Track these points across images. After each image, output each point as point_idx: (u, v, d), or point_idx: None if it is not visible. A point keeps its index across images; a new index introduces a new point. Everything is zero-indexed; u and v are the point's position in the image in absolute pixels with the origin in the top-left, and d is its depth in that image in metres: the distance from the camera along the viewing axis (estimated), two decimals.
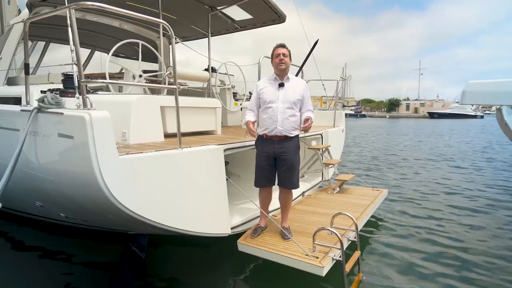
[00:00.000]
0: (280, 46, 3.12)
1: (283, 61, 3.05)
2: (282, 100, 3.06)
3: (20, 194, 3.09)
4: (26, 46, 2.60)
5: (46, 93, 2.28)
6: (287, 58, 3.09)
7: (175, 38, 2.61)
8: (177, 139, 2.62)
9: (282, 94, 3.08)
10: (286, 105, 3.06)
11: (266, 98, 3.09)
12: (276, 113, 3.04)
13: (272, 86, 3.14)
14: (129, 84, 3.08)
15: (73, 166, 2.13)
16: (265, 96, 3.10)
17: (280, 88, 3.10)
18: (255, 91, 3.23)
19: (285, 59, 3.06)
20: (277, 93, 3.08)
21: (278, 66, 3.08)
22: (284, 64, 3.07)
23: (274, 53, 3.12)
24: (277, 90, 3.10)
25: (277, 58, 3.07)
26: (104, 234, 3.94)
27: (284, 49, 3.10)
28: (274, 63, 3.13)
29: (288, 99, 3.07)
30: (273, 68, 3.17)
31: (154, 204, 2.39)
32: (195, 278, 3.22)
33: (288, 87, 3.11)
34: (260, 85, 3.21)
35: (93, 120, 1.97)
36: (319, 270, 2.66)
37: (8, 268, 3.46)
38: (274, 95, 3.08)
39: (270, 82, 3.17)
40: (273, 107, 3.05)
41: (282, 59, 3.05)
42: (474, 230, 4.48)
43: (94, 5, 2.04)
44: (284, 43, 3.15)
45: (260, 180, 3.21)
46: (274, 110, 3.05)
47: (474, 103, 4.54)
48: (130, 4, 5.35)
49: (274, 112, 3.05)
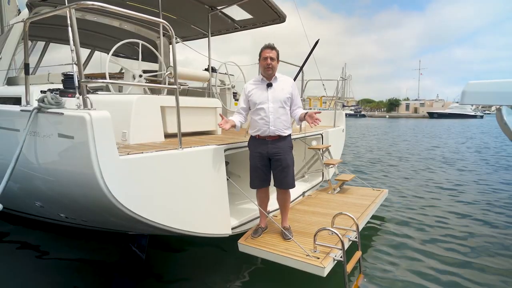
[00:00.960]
0: (268, 47, 3.06)
1: (270, 66, 3.01)
2: (272, 100, 3.05)
3: (19, 194, 3.08)
4: (26, 46, 2.59)
5: (46, 93, 2.27)
6: (275, 62, 3.05)
7: (175, 38, 2.60)
8: (178, 139, 2.61)
9: (272, 94, 3.06)
10: (277, 104, 3.05)
11: (256, 100, 3.08)
12: (268, 114, 3.03)
13: (260, 87, 3.12)
14: (130, 84, 3.08)
15: (73, 166, 2.12)
16: (255, 98, 3.09)
17: (268, 88, 3.08)
18: (243, 93, 3.21)
19: (272, 63, 3.02)
20: (266, 94, 3.07)
21: (266, 70, 3.05)
22: (271, 69, 3.04)
23: (261, 54, 3.06)
24: (266, 90, 3.08)
25: (264, 62, 3.02)
26: (104, 234, 3.94)
27: (273, 52, 3.04)
28: (261, 65, 3.10)
29: (278, 99, 3.06)
30: (260, 69, 3.14)
31: (154, 205, 2.38)
32: (196, 278, 3.21)
33: (276, 86, 3.10)
34: (248, 87, 3.18)
35: (94, 120, 1.96)
36: (320, 270, 2.65)
37: (7, 268, 3.45)
38: (263, 96, 3.07)
39: (257, 84, 3.15)
40: (264, 108, 3.04)
41: (269, 64, 3.00)
42: (477, 229, 4.47)
43: (95, 5, 2.03)
44: (273, 44, 3.08)
45: (255, 181, 3.20)
46: (266, 110, 3.04)
47: (474, 103, 4.52)
48: (130, 4, 5.34)
49: (266, 113, 3.04)
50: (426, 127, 32.07)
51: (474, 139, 18.28)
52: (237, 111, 3.24)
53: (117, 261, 3.55)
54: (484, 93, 4.12)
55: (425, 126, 33.95)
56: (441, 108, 68.93)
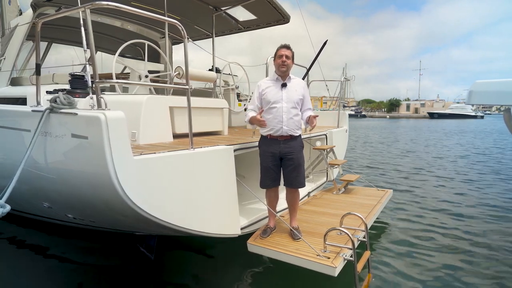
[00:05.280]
0: (284, 47, 3.10)
1: (285, 63, 3.04)
2: (286, 100, 3.06)
3: (26, 195, 3.06)
4: (37, 46, 2.58)
5: (59, 93, 2.26)
6: (290, 60, 3.08)
7: (187, 39, 2.59)
8: (189, 140, 2.60)
9: (286, 94, 3.08)
10: (290, 104, 3.07)
11: (270, 98, 3.08)
12: (281, 113, 3.04)
13: (274, 86, 3.13)
14: (143, 84, 3.09)
15: (87, 166, 2.12)
16: (269, 96, 3.09)
17: (283, 88, 3.09)
18: (256, 91, 3.21)
19: (287, 61, 3.05)
20: (280, 93, 3.08)
21: (280, 68, 3.07)
22: (285, 67, 3.06)
23: (277, 53, 3.11)
24: (280, 90, 3.09)
25: (279, 59, 3.06)
26: (111, 235, 3.93)
27: (288, 51, 3.08)
28: (276, 64, 3.12)
29: (291, 99, 3.07)
30: (275, 68, 3.15)
31: (167, 205, 2.37)
32: (205, 278, 3.21)
33: (290, 87, 3.12)
34: (262, 85, 3.19)
35: (109, 121, 1.96)
36: (332, 270, 2.65)
37: (13, 269, 3.44)
38: (277, 95, 3.08)
39: (272, 82, 3.16)
40: (278, 107, 3.05)
41: (284, 61, 3.04)
42: (485, 227, 4.46)
43: (110, 5, 2.03)
44: (289, 44, 3.13)
45: (266, 181, 3.20)
46: (279, 110, 3.05)
47: (482, 103, 4.48)
48: (135, 5, 5.34)
49: (279, 112, 3.04)
50: (425, 127, 32.11)
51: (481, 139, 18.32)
52: (251, 109, 3.22)
53: (125, 262, 3.54)
54: (492, 93, 4.08)
55: (424, 126, 34.00)
56: (441, 108, 69.06)
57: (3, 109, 3.04)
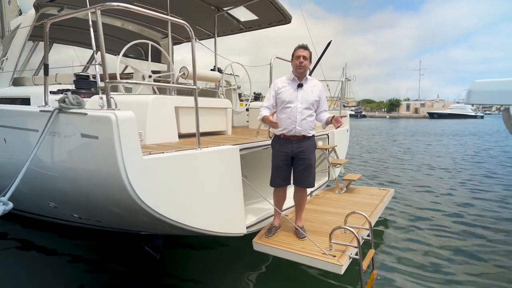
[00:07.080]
0: (301, 47, 3.10)
1: (302, 64, 3.05)
2: (301, 101, 3.07)
3: (31, 194, 3.07)
4: (46, 47, 2.58)
5: (67, 93, 2.28)
6: (307, 61, 3.09)
7: (194, 38, 2.61)
8: (196, 139, 2.62)
9: (301, 94, 3.09)
10: (305, 105, 3.08)
11: (285, 98, 3.09)
12: (295, 113, 3.06)
13: (291, 86, 3.13)
14: (150, 84, 3.10)
15: (97, 166, 2.13)
16: (284, 96, 3.10)
17: (299, 88, 3.10)
18: (272, 89, 3.21)
19: (304, 62, 3.06)
20: (295, 94, 3.09)
21: (297, 69, 3.08)
22: (302, 68, 3.07)
23: (294, 53, 3.11)
24: (296, 90, 3.10)
25: (297, 60, 3.06)
26: (116, 234, 3.94)
27: (306, 51, 3.09)
28: (293, 64, 3.13)
29: (306, 100, 3.08)
30: (292, 68, 3.17)
31: (176, 204, 2.39)
32: (211, 277, 3.23)
33: (306, 88, 3.12)
34: (278, 83, 3.19)
35: (119, 120, 1.97)
36: (338, 268, 2.67)
37: (18, 269, 3.45)
38: (293, 95, 3.09)
39: (289, 82, 3.16)
40: (292, 107, 3.06)
41: (301, 62, 3.05)
42: (490, 225, 4.49)
43: (120, 6, 2.04)
44: (306, 45, 3.13)
45: (277, 180, 3.22)
46: (293, 110, 3.06)
47: (481, 102, 4.48)
48: (137, 5, 5.34)
49: (293, 112, 3.06)
50: (423, 127, 32.16)
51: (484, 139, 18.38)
52: (266, 107, 3.19)
53: (130, 261, 3.55)
54: (491, 92, 4.10)
55: (424, 126, 34.06)
56: (441, 108, 69.19)
57: (10, 109, 3.05)
